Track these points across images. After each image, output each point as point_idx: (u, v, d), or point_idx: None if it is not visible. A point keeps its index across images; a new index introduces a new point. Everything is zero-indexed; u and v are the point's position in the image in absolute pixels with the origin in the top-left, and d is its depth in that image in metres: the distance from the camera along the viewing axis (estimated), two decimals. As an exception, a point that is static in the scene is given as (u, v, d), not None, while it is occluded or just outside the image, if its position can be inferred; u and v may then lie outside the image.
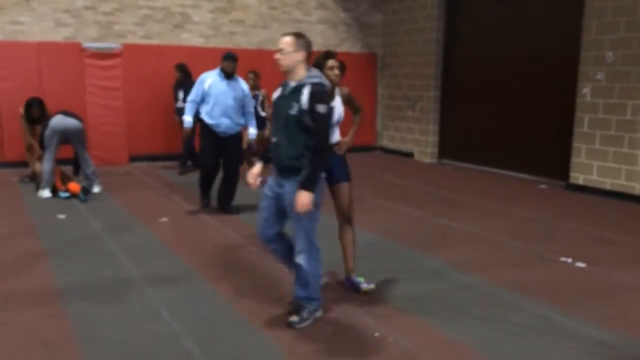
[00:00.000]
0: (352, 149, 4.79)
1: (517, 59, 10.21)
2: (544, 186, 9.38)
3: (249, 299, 4.39)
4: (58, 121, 7.80)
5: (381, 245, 5.85)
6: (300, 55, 3.65)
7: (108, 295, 4.39)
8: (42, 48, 10.15)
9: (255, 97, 8.40)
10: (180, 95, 9.71)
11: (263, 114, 9.05)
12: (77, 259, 5.23)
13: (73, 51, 10.34)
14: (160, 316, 4.03)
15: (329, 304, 4.25)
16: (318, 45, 12.69)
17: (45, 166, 7.76)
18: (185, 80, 9.74)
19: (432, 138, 12.09)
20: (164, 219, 6.77)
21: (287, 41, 3.64)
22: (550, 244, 6.06)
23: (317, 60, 4.20)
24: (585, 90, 8.77)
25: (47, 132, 7.77)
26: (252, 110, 7.07)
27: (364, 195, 8.13)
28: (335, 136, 4.40)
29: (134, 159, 10.92)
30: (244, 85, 6.92)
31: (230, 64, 6.70)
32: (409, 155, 12.54)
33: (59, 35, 10.45)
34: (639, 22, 8.03)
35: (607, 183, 8.54)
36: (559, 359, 3.55)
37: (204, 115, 6.74)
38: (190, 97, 6.76)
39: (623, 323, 4.08)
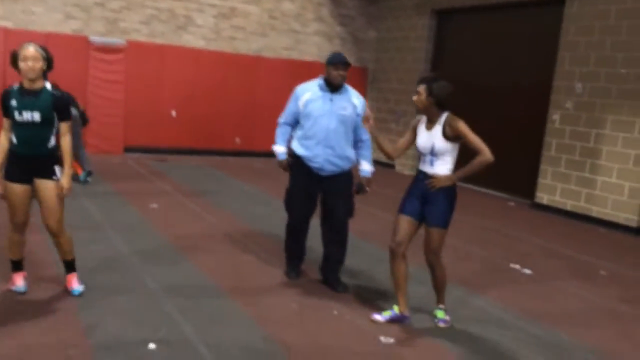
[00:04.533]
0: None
1: (496, 84, 10.89)
2: (512, 204, 10.04)
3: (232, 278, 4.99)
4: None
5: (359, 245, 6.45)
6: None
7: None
8: (50, 39, 10.69)
9: None
10: None
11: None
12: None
13: (80, 44, 10.90)
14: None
15: (299, 287, 4.85)
16: (313, 56, 13.35)
17: None
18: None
19: (413, 151, 12.70)
20: (154, 205, 7.34)
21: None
22: (504, 252, 6.69)
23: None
24: (555, 117, 9.46)
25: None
26: (367, 137, 4.88)
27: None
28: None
29: (128, 149, 11.48)
30: (356, 99, 4.80)
31: (338, 71, 4.64)
32: (391, 166, 13.17)
33: (68, 28, 11.01)
34: (607, 58, 8.73)
35: (568, 204, 9.20)
36: (490, 343, 4.16)
37: (294, 144, 4.85)
38: (281, 118, 4.94)
39: (551, 319, 4.71)
